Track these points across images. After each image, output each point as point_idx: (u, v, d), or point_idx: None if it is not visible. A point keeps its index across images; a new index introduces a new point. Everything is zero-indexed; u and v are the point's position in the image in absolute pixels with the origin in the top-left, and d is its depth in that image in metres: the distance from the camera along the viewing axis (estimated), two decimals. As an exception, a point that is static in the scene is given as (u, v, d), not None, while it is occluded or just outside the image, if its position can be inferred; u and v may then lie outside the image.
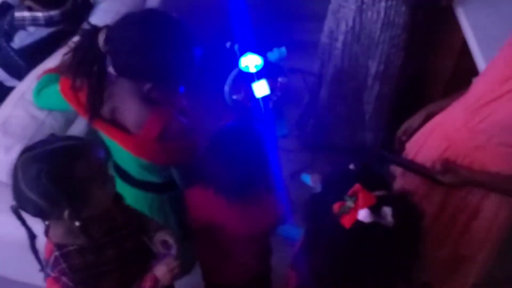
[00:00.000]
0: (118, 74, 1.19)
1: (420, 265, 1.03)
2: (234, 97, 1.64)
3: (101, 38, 1.14)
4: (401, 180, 1.55)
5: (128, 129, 1.26)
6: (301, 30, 2.93)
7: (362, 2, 1.74)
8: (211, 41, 2.08)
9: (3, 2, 1.89)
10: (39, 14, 1.68)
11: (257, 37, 1.94)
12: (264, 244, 1.52)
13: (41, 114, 1.46)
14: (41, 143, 1.01)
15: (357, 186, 0.98)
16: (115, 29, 1.15)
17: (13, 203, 1.00)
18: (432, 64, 2.09)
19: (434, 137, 1.41)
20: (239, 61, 1.65)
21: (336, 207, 0.98)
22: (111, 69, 1.19)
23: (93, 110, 1.22)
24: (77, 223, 1.00)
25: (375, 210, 0.95)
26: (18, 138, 1.43)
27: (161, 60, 1.15)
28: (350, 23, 1.81)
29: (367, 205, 0.96)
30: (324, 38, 1.99)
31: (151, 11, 1.22)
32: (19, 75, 1.68)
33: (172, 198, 1.51)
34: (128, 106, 1.25)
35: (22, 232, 1.06)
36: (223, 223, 1.34)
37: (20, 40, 1.69)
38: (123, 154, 1.32)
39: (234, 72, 1.66)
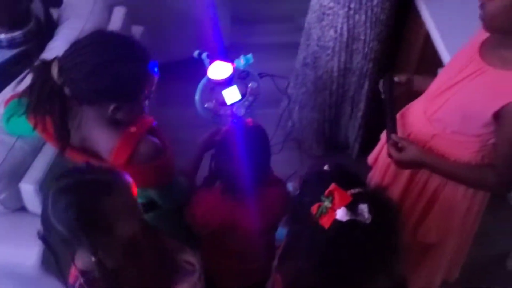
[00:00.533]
0: (80, 102, 1.18)
1: (400, 258, 1.03)
2: (206, 105, 1.64)
3: (54, 70, 1.13)
4: (373, 169, 1.59)
5: (99, 155, 1.26)
6: (267, 33, 2.96)
7: (349, 8, 1.80)
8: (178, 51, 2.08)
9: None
10: (1, 36, 1.66)
11: (224, 43, 1.96)
12: (271, 239, 1.55)
13: (10, 139, 1.44)
14: (76, 171, 1.03)
15: (332, 186, 1.00)
16: (66, 59, 1.14)
17: (40, 229, 1.01)
18: (399, 57, 2.13)
19: (401, 123, 1.44)
20: (208, 70, 1.65)
21: (314, 208, 1.00)
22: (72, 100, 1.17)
23: (62, 143, 1.21)
24: (93, 259, 1.00)
25: (352, 208, 0.97)
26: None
27: (117, 77, 1.15)
28: (339, 30, 1.87)
29: (344, 204, 0.97)
30: (314, 47, 2.04)
31: (97, 32, 1.21)
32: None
33: (156, 217, 1.51)
34: (96, 134, 1.24)
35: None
36: (234, 222, 1.37)
37: (-16, 64, 1.67)
38: None
39: (203, 81, 1.66)
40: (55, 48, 1.66)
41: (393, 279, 1.03)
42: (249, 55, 1.57)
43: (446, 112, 1.28)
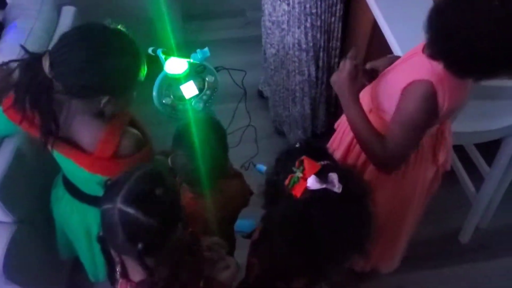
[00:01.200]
0: (70, 96, 1.16)
1: (371, 235, 1.04)
2: (164, 101, 1.64)
3: (45, 64, 1.10)
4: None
5: (82, 147, 1.24)
6: (220, 28, 2.98)
7: None
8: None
9: None
10: None
11: (178, 39, 1.95)
12: (231, 231, 1.59)
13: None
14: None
15: (302, 157, 1.03)
16: (57, 52, 1.12)
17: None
18: (348, 44, 2.19)
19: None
20: (164, 65, 1.65)
21: (287, 181, 1.03)
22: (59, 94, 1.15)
23: (50, 136, 1.19)
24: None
25: (322, 177, 0.99)
26: None
27: (107, 71, 1.13)
28: (291, 3, 1.89)
29: (314, 172, 1.00)
30: (266, 22, 2.07)
31: (88, 25, 1.19)
32: None
33: None
34: (82, 126, 1.23)
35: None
36: (193, 215, 1.38)
37: None
38: (77, 171, 1.30)
39: (160, 77, 1.66)
40: (4, 49, 1.61)
41: (365, 258, 1.06)
42: (206, 49, 1.59)
43: (379, 90, 1.34)
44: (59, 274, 1.82)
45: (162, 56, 1.68)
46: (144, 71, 1.21)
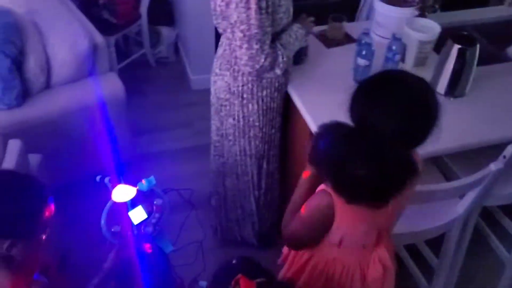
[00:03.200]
0: None
1: None
2: (113, 229, 1.65)
3: None
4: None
5: None
6: (169, 139, 3.07)
7: (243, 98, 1.95)
8: (82, 176, 2.09)
9: None
10: None
11: (125, 159, 2.00)
12: None
13: None
14: None
15: (238, 276, 1.06)
16: None
17: None
18: (291, 150, 2.31)
19: None
20: (112, 193, 1.68)
21: None
22: None
23: None
24: None
25: None
26: None
27: (7, 213, 1.16)
28: (236, 117, 2.02)
29: None
30: (214, 137, 2.18)
31: None
32: None
33: None
34: None
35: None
36: None
37: None
38: None
39: (108, 205, 1.68)
40: None
41: None
42: (151, 177, 1.65)
43: None
44: None
45: (109, 184, 1.71)
46: (49, 214, 1.24)
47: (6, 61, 2.24)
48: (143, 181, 1.64)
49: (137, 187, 1.63)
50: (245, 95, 1.96)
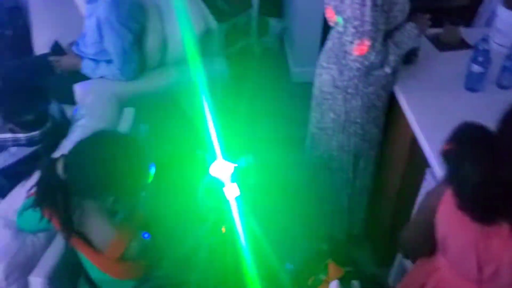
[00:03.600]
0: (82, 197, 1.29)
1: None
2: (207, 201, 1.75)
3: (59, 167, 1.25)
4: None
5: (95, 246, 1.35)
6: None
7: (347, 93, 1.95)
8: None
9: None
10: (21, 136, 1.80)
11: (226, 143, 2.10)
12: None
13: (23, 233, 1.52)
14: None
15: (327, 261, 1.08)
16: (70, 157, 1.27)
17: None
18: (389, 153, 2.27)
19: None
20: (210, 168, 1.78)
21: (310, 280, 1.08)
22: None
23: (66, 233, 1.31)
24: None
25: (345, 283, 1.04)
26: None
27: (116, 172, 1.26)
28: (338, 113, 2.02)
29: (337, 277, 1.05)
30: (313, 129, 2.20)
31: (100, 132, 1.36)
32: (1, 194, 1.75)
33: None
34: (95, 226, 1.34)
35: None
36: None
37: (3, 160, 1.78)
38: (91, 268, 1.40)
39: (206, 178, 1.78)
40: (67, 146, 1.79)
41: None
42: (250, 156, 1.71)
43: None
44: None
45: (208, 159, 1.81)
46: (149, 176, 1.33)
47: (129, 36, 2.43)
48: (242, 159, 1.71)
49: (235, 164, 1.71)
50: (349, 90, 1.96)
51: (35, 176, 1.63)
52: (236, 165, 1.73)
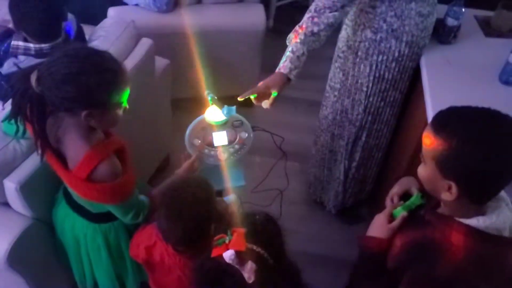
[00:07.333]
0: (55, 109, 1.28)
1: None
2: (193, 141, 1.72)
3: (33, 79, 1.23)
4: None
5: (66, 162, 1.35)
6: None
7: (357, 55, 1.85)
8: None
9: (8, 29, 2.05)
10: (31, 45, 1.82)
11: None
12: None
13: (7, 139, 1.54)
14: None
15: (239, 229, 1.03)
16: (43, 69, 1.24)
17: None
18: (400, 136, 2.13)
19: None
20: (205, 111, 1.74)
21: (216, 237, 1.04)
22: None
23: (39, 147, 1.32)
24: None
25: (241, 259, 1.00)
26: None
27: (83, 86, 1.22)
28: (346, 74, 1.94)
29: (235, 249, 1.00)
30: (327, 86, 2.13)
31: (75, 46, 1.31)
32: (3, 98, 1.80)
33: (113, 228, 1.59)
34: (69, 142, 1.34)
35: None
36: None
37: (8, 66, 1.83)
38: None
39: (198, 119, 1.75)
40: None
41: None
42: (234, 107, 1.65)
43: None
44: (64, 275, 1.91)
45: (210, 102, 1.76)
46: (125, 91, 1.29)
47: (165, -33, 2.38)
48: (224, 109, 1.66)
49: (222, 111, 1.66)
50: (359, 53, 1.85)
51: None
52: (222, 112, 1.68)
